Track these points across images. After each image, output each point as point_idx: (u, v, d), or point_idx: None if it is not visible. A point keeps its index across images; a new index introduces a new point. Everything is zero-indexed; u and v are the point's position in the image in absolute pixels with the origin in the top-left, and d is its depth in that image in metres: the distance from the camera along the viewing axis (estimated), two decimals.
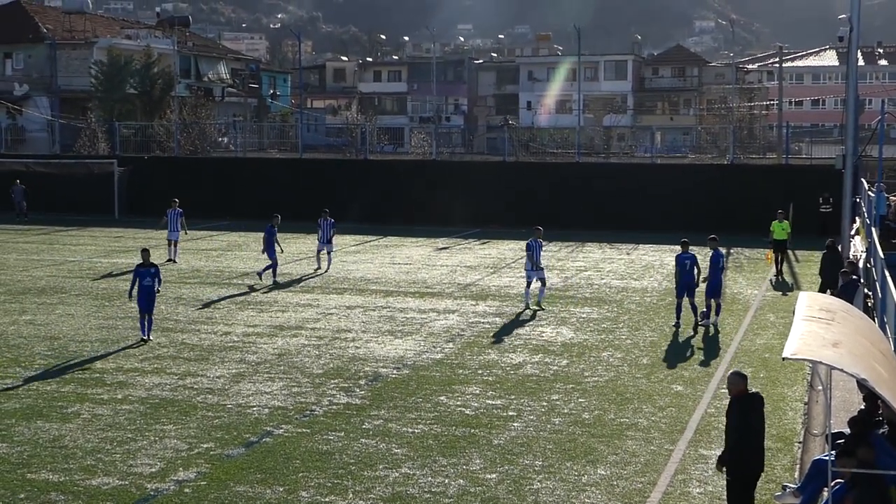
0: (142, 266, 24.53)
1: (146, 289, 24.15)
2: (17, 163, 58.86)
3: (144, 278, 24.22)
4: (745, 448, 12.39)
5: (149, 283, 24.19)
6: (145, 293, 24.15)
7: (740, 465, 12.45)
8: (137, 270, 24.47)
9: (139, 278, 24.25)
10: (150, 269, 24.42)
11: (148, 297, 24.15)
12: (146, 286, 24.15)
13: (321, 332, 25.31)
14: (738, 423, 12.41)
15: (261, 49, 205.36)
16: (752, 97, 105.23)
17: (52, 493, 14.20)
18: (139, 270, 24.40)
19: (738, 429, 12.40)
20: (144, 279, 24.21)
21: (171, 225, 38.36)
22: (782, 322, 26.28)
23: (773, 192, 45.89)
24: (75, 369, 21.37)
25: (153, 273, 24.42)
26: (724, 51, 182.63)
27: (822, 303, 13.67)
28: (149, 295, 24.15)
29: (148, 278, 24.23)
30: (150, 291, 24.18)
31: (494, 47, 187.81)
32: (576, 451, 16.19)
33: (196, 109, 71.27)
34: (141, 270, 24.38)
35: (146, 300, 24.15)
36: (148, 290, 24.15)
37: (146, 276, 24.25)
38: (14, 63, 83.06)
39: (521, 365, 22.04)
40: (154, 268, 24.59)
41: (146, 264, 24.55)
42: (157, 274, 24.59)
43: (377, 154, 67.48)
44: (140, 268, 24.51)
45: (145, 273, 24.30)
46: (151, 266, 24.56)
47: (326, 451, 16.05)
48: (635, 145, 78.04)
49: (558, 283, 33.67)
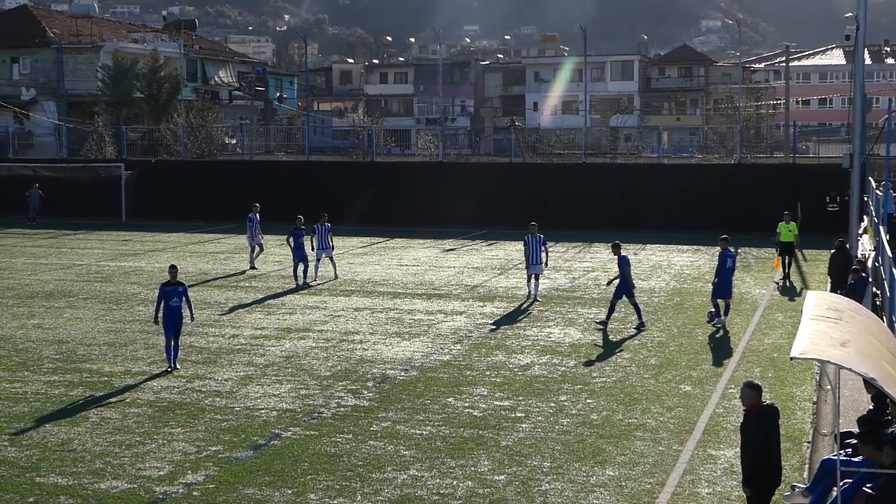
0: (168, 285, 21.62)
1: (173, 311, 21.44)
2: (24, 167, 58.98)
3: (171, 298, 21.46)
4: (766, 462, 12.08)
5: (176, 304, 21.48)
6: (172, 316, 21.44)
7: (763, 479, 12.12)
8: (163, 290, 21.56)
9: (165, 298, 21.47)
10: (177, 287, 21.62)
11: (175, 321, 21.48)
12: (173, 307, 21.44)
13: (329, 335, 25.32)
14: (757, 437, 12.05)
15: (267, 52, 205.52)
16: (759, 97, 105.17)
17: (61, 497, 14.22)
18: (165, 290, 21.53)
19: (757, 444, 12.05)
20: (171, 299, 21.46)
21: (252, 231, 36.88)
22: (790, 321, 26.23)
23: (780, 192, 45.84)
24: (83, 373, 21.39)
25: (181, 292, 21.64)
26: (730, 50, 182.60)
27: (830, 302, 13.64)
28: (176, 318, 21.50)
29: (175, 298, 21.49)
30: (178, 314, 21.51)
31: (500, 48, 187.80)
32: (584, 451, 16.17)
33: (203, 113, 71.36)
34: (167, 289, 21.53)
35: (173, 324, 21.47)
36: (175, 311, 21.46)
37: (173, 296, 21.48)
38: (21, 67, 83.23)
39: (528, 366, 22.02)
40: (182, 286, 21.78)
41: (173, 282, 21.68)
42: (186, 293, 21.79)
43: (384, 156, 67.53)
44: (166, 286, 21.60)
45: (172, 292, 21.52)
46: (179, 284, 21.74)
47: (334, 454, 16.05)
48: (642, 146, 77.98)
49: (566, 283, 33.64)
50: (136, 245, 44.75)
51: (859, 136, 38.46)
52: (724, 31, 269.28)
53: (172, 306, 21.45)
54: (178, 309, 21.52)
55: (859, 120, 38.83)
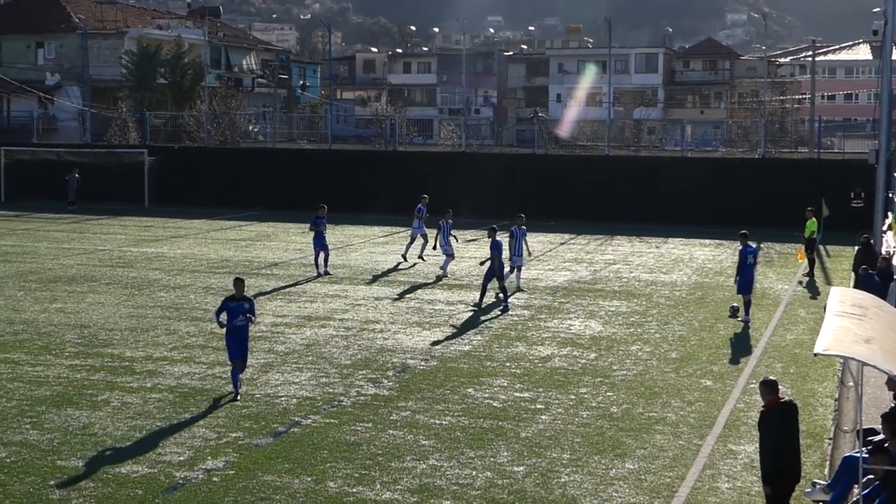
0: (233, 300, 18.90)
1: (239, 331, 18.76)
2: (48, 152, 59.26)
3: (236, 316, 18.69)
4: (786, 459, 12.03)
5: (242, 324, 18.76)
6: (237, 336, 18.79)
7: (781, 477, 12.07)
8: (227, 305, 18.83)
9: (230, 316, 18.73)
10: (243, 304, 18.83)
11: (241, 341, 18.84)
12: (239, 327, 18.74)
13: (349, 323, 25.34)
14: (774, 434, 12.01)
15: (291, 40, 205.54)
16: (783, 91, 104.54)
17: (81, 481, 14.28)
18: (230, 306, 18.79)
19: (776, 440, 12.01)
20: (236, 317, 18.70)
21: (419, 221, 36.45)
22: (813, 317, 26.11)
23: (804, 187, 45.60)
24: (105, 357, 21.47)
25: (247, 309, 18.85)
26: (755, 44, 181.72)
27: (854, 298, 13.56)
28: (242, 338, 18.87)
29: (241, 316, 18.71)
30: (244, 334, 18.91)
31: (524, 39, 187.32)
32: (604, 444, 16.14)
33: (226, 100, 71.48)
34: (232, 306, 18.79)
35: (238, 345, 18.81)
36: (241, 332, 18.81)
37: (238, 314, 18.71)
38: (46, 53, 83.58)
39: (549, 358, 21.99)
40: (249, 302, 18.99)
41: (239, 297, 18.93)
42: (252, 310, 19.02)
43: (406, 145, 67.43)
44: (230, 302, 18.88)
45: (237, 309, 18.74)
46: (245, 300, 18.96)
47: (354, 442, 16.07)
48: (665, 139, 77.77)
49: (587, 276, 33.57)
50: (158, 231, 44.88)
51: (885, 131, 38.22)
52: (750, 24, 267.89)
53: (238, 325, 18.72)
54: (244, 328, 18.88)
55: (885, 115, 38.59)
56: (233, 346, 18.80)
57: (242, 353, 18.94)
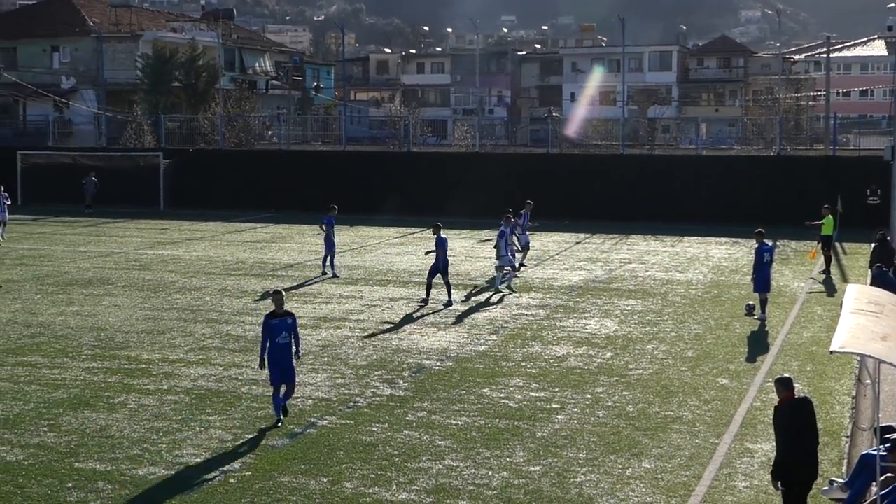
0: (273, 316, 17.15)
1: (281, 350, 17.02)
2: (64, 155, 59.45)
3: (279, 333, 17.01)
4: (797, 455, 11.96)
5: (284, 341, 17.04)
6: (280, 356, 17.03)
7: (794, 473, 12.01)
8: (268, 322, 17.10)
9: (272, 334, 17.01)
10: (285, 319, 17.15)
11: (283, 362, 17.06)
12: (281, 345, 17.01)
13: (365, 324, 25.36)
14: (787, 431, 11.98)
15: (304, 41, 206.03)
16: (798, 88, 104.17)
17: (99, 483, 14.33)
18: (271, 322, 17.07)
19: (787, 437, 11.97)
20: (279, 335, 17.01)
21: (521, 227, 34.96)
22: (830, 315, 26.03)
23: (820, 184, 45.44)
24: (122, 360, 21.54)
25: (290, 325, 17.19)
26: (770, 41, 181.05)
27: (870, 296, 13.52)
28: (285, 358, 17.08)
29: (284, 333, 17.03)
30: (287, 353, 17.09)
31: (538, 38, 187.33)
32: (620, 444, 16.12)
33: (240, 102, 71.60)
34: (273, 322, 17.06)
35: (280, 366, 17.07)
36: (283, 351, 17.05)
37: (281, 331, 17.03)
38: (61, 56, 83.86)
39: (564, 357, 21.97)
40: (291, 318, 17.29)
41: (280, 313, 17.23)
42: (295, 326, 17.31)
43: (420, 146, 67.48)
44: (271, 319, 17.13)
45: (280, 326, 17.05)
46: (287, 315, 17.30)
47: (370, 443, 16.08)
48: (680, 137, 77.56)
49: (602, 275, 33.54)
50: (174, 234, 45.01)
51: None
52: (764, 21, 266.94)
53: (280, 343, 17.00)
54: (287, 347, 17.08)
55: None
56: (274, 366, 17.04)
57: (286, 376, 17.13)
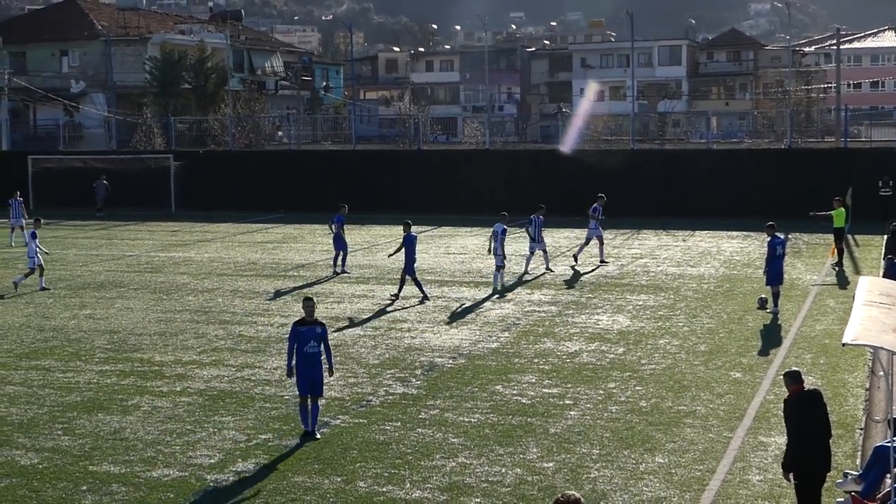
0: (302, 324, 16.33)
1: (310, 359, 16.18)
2: (75, 159, 59.60)
3: (307, 342, 16.15)
4: (807, 449, 11.92)
5: (314, 350, 16.19)
6: (309, 366, 16.18)
7: (804, 465, 11.96)
8: (297, 330, 16.25)
9: (300, 343, 16.17)
10: (314, 328, 16.26)
11: (312, 374, 16.21)
12: (310, 354, 16.17)
13: (377, 323, 25.38)
14: (796, 424, 11.95)
15: (313, 41, 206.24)
16: (809, 80, 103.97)
17: (113, 485, 14.36)
18: (299, 330, 16.23)
19: (796, 430, 11.95)
20: (307, 343, 16.16)
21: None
22: (842, 307, 25.96)
23: (831, 177, 45.29)
24: (134, 362, 21.59)
25: (320, 334, 16.29)
26: (780, 34, 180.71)
27: (883, 288, 13.48)
28: (314, 369, 16.23)
29: (313, 342, 16.17)
30: (316, 363, 16.24)
31: (546, 34, 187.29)
32: (633, 439, 16.10)
33: (250, 103, 71.77)
34: (302, 330, 16.22)
35: (309, 377, 16.18)
36: (313, 360, 16.20)
37: (310, 339, 16.17)
38: (70, 60, 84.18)
39: (577, 353, 21.95)
40: (321, 327, 16.42)
41: (310, 321, 16.37)
42: (325, 336, 16.45)
43: (430, 144, 67.54)
44: (300, 326, 16.30)
45: (308, 334, 16.19)
46: (317, 324, 16.39)
47: (383, 441, 16.09)
48: (690, 131, 77.59)
49: (614, 270, 33.50)
50: (186, 235, 45.10)
51: None
52: (774, 14, 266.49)
53: (309, 353, 16.17)
54: (317, 356, 16.24)
55: None
56: (302, 377, 16.16)
57: (314, 386, 16.28)
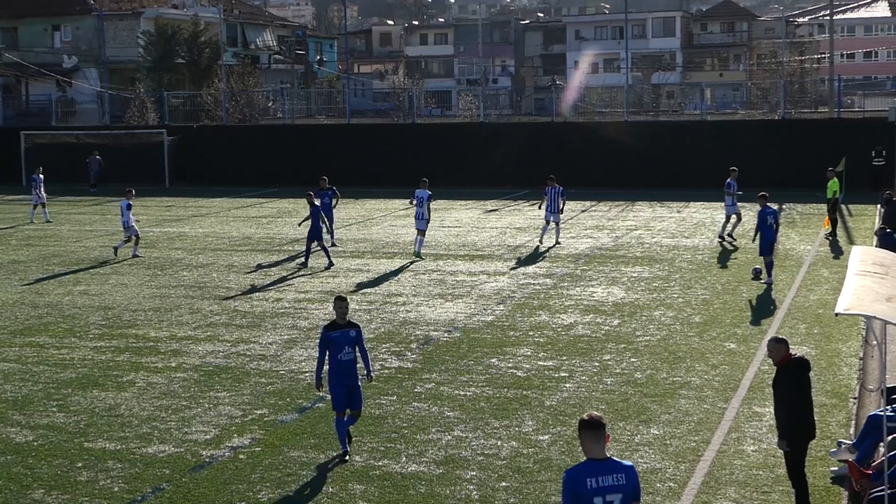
0: (334, 328, 14.25)
1: (345, 367, 14.14)
2: (68, 134, 59.44)
3: (341, 348, 14.11)
4: (801, 416, 11.87)
5: (348, 357, 14.15)
6: (343, 374, 14.15)
7: (799, 434, 11.90)
8: (328, 336, 14.16)
9: (334, 349, 14.12)
10: (348, 332, 14.19)
11: (348, 382, 14.18)
12: (345, 362, 14.14)
13: (372, 297, 25.38)
14: (791, 391, 11.81)
15: (307, 15, 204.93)
16: (802, 51, 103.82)
17: (108, 461, 14.37)
18: (330, 335, 14.15)
19: (790, 398, 11.81)
20: (341, 349, 14.11)
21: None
22: (836, 277, 25.98)
23: (825, 147, 45.27)
24: (129, 338, 21.58)
25: (353, 338, 14.23)
26: (773, 4, 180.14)
27: (875, 257, 13.48)
28: (349, 377, 14.18)
29: (347, 348, 14.12)
30: (351, 371, 14.19)
31: (541, 7, 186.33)
32: (628, 410, 16.13)
33: (243, 77, 71.57)
34: (334, 335, 14.14)
35: (345, 387, 14.18)
36: (347, 369, 14.16)
37: (343, 345, 14.13)
38: (63, 35, 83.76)
39: (572, 326, 21.97)
40: (356, 330, 14.28)
41: (342, 324, 14.28)
42: (360, 339, 14.33)
43: (425, 118, 67.40)
44: (331, 331, 14.22)
45: (342, 339, 14.14)
46: (351, 327, 14.30)
47: (379, 416, 16.10)
48: (685, 103, 77.47)
49: (609, 242, 33.52)
50: (180, 210, 45.04)
51: None
52: None
53: (344, 360, 14.12)
54: (351, 364, 14.19)
55: None
56: (338, 388, 14.19)
57: (353, 398, 14.30)
